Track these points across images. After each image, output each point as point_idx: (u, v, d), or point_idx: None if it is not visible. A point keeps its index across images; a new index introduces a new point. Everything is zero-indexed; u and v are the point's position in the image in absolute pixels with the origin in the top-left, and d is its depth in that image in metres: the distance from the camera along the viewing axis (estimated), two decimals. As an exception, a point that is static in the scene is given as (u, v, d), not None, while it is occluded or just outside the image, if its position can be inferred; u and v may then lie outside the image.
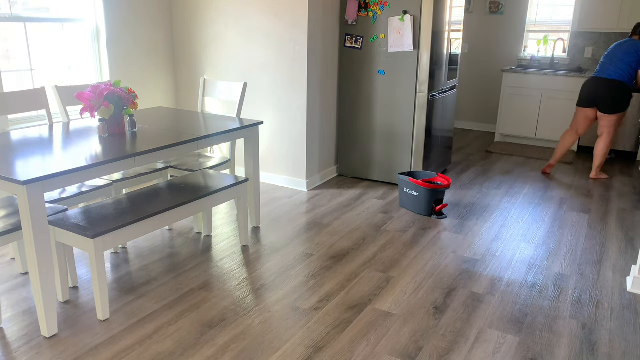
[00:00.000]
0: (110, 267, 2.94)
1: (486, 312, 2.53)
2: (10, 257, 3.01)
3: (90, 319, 2.41)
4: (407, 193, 3.86)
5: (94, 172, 2.29)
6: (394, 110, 4.25)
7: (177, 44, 4.57)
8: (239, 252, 3.15)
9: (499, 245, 3.31)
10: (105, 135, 2.73)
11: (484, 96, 6.75)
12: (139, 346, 2.22)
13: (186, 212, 2.74)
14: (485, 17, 6.49)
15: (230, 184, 3.00)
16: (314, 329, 2.37)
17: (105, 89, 2.64)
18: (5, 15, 3.40)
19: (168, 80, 4.60)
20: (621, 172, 5.04)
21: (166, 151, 2.62)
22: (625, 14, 5.41)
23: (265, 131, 4.33)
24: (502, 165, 5.20)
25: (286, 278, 2.84)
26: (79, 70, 3.98)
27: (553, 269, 3.00)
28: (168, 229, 3.47)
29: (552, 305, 2.61)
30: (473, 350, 2.23)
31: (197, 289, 2.71)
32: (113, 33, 4.00)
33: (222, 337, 2.30)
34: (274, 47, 4.09)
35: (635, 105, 5.34)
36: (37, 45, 3.63)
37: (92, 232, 2.27)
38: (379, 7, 4.07)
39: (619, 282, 2.85)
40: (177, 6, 4.46)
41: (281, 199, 4.07)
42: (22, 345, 2.22)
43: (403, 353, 2.21)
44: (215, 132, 2.89)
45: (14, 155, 2.34)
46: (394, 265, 3.01)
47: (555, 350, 2.24)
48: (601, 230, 3.59)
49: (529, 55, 6.31)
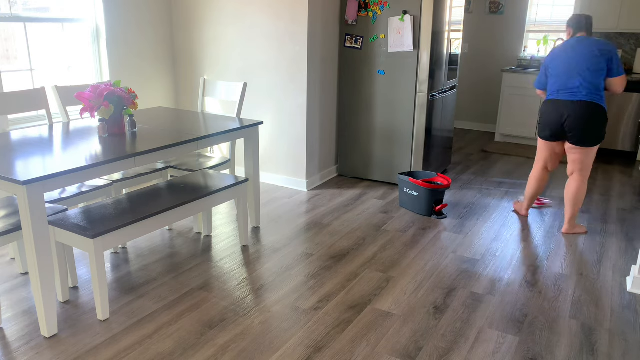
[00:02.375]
0: (110, 267, 2.94)
1: (486, 312, 2.53)
2: (10, 257, 3.01)
3: (90, 319, 2.41)
4: (407, 193, 3.86)
5: (94, 172, 2.29)
6: (394, 110, 4.25)
7: (177, 44, 4.57)
8: (239, 252, 3.15)
9: (499, 245, 3.31)
10: (105, 135, 2.73)
11: (484, 96, 6.75)
12: (139, 346, 2.22)
13: (186, 212, 2.74)
14: (485, 17, 6.49)
15: (230, 184, 3.00)
16: (314, 329, 2.37)
17: (105, 89, 2.64)
18: (5, 15, 3.40)
19: (168, 80, 4.60)
20: (621, 172, 5.04)
21: (166, 151, 2.62)
22: (625, 14, 5.42)
23: (265, 131, 4.33)
24: (502, 165, 5.20)
25: (286, 278, 2.84)
26: (79, 70, 3.98)
27: (553, 269, 3.00)
28: (168, 229, 3.47)
29: (552, 305, 2.61)
30: (473, 350, 2.23)
31: (197, 289, 2.71)
32: (113, 33, 4.00)
33: (222, 337, 2.30)
34: (274, 47, 4.09)
35: (635, 105, 5.34)
36: (37, 45, 3.63)
37: (92, 232, 2.27)
38: (379, 7, 4.07)
39: (619, 282, 2.85)
40: (177, 6, 4.46)
41: (281, 199, 4.07)
42: (22, 345, 2.22)
43: (403, 353, 2.21)
44: (215, 132, 2.89)
45: (14, 155, 2.34)
46: (394, 265, 3.01)
47: (555, 350, 2.24)
48: (601, 230, 3.59)
49: (529, 55, 6.31)
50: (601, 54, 3.20)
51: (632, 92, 5.33)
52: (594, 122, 3.22)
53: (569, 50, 3.29)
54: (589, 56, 3.21)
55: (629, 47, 5.72)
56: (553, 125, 3.32)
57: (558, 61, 3.31)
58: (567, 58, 3.28)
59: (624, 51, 5.75)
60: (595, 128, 3.23)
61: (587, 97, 3.21)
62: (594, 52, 3.21)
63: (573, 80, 3.24)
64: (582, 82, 3.22)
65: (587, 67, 3.21)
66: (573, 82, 3.24)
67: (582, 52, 3.23)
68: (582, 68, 3.22)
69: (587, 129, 3.23)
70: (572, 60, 3.25)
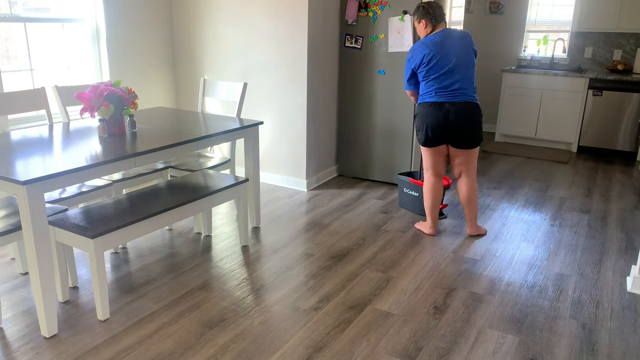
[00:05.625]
0: (110, 267, 2.94)
1: (486, 312, 2.53)
2: (10, 257, 3.01)
3: (90, 319, 2.41)
4: (407, 193, 3.85)
5: (94, 172, 2.29)
6: (394, 110, 4.25)
7: (177, 44, 4.57)
8: (239, 252, 3.15)
9: (499, 245, 3.31)
10: (105, 135, 2.73)
11: (484, 96, 6.75)
12: (139, 346, 2.22)
13: (186, 212, 2.74)
14: (485, 17, 6.49)
15: (230, 184, 3.00)
16: (314, 329, 2.37)
17: (105, 89, 2.64)
18: (5, 15, 3.40)
19: (168, 80, 4.60)
20: (621, 172, 5.04)
21: (166, 151, 2.62)
22: (625, 14, 5.41)
23: (265, 131, 4.33)
24: (502, 165, 5.20)
25: (286, 278, 2.84)
26: (79, 70, 3.98)
27: (553, 269, 3.00)
28: (168, 229, 3.47)
29: (552, 305, 2.61)
30: (473, 350, 2.23)
31: (197, 289, 2.71)
32: (113, 33, 4.00)
33: (222, 337, 2.30)
34: (274, 47, 4.09)
35: (635, 105, 5.35)
36: (37, 45, 3.63)
37: (92, 232, 2.27)
38: (379, 7, 4.07)
39: (619, 282, 2.85)
40: (177, 6, 4.46)
41: (281, 199, 4.07)
42: (22, 345, 2.22)
43: (403, 353, 2.21)
44: (215, 132, 2.89)
45: (14, 155, 2.34)
46: (394, 265, 3.01)
47: (555, 350, 2.24)
48: (601, 230, 3.59)
49: (529, 55, 6.31)
50: (469, 45, 3.09)
51: (632, 92, 5.32)
52: (477, 123, 3.12)
53: (439, 48, 3.05)
54: (463, 53, 3.07)
55: (629, 47, 5.72)
56: (436, 130, 3.11)
57: (433, 61, 3.05)
58: (441, 57, 3.05)
59: (624, 51, 5.75)
60: (478, 128, 3.13)
61: (467, 97, 3.08)
62: (464, 47, 3.07)
63: (452, 81, 3.06)
64: (462, 82, 3.07)
65: (464, 66, 3.06)
66: (452, 82, 3.06)
67: (455, 48, 3.06)
68: (460, 67, 3.05)
69: (471, 130, 3.11)
70: (446, 58, 3.04)
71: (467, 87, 3.09)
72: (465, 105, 3.07)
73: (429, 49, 3.06)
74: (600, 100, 5.50)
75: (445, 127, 3.09)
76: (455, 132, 3.10)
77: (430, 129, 3.12)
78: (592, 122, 5.61)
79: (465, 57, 3.08)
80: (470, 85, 3.10)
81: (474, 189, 3.31)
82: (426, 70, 3.08)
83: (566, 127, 5.74)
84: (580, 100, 5.58)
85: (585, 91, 5.54)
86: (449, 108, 3.07)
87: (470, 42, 3.11)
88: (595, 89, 5.50)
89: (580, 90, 5.55)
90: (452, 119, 3.07)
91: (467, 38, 3.12)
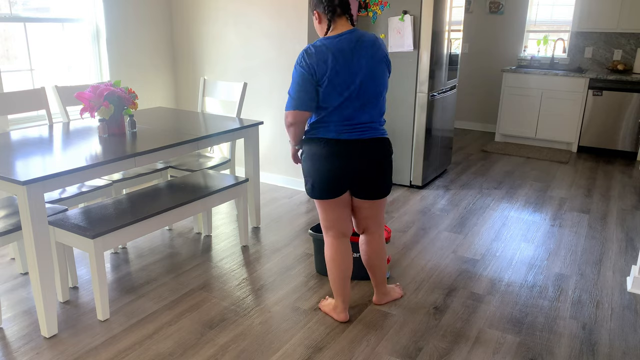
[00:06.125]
0: (110, 267, 2.94)
1: (486, 312, 2.53)
2: (10, 257, 3.01)
3: (90, 319, 2.41)
4: None
5: (94, 172, 2.29)
6: (394, 110, 4.25)
7: (177, 44, 4.57)
8: (239, 252, 3.15)
9: (499, 245, 3.31)
10: (105, 136, 2.73)
11: (484, 96, 6.75)
12: (139, 346, 2.22)
13: (186, 212, 2.74)
14: (485, 17, 6.49)
15: (230, 184, 3.00)
16: (314, 329, 2.37)
17: (105, 89, 2.64)
18: (5, 15, 3.40)
19: (168, 80, 4.60)
20: (621, 172, 5.04)
21: (166, 151, 2.62)
22: (625, 14, 5.41)
23: (265, 131, 4.33)
24: (502, 165, 5.20)
25: (286, 278, 2.84)
26: (79, 71, 3.98)
27: (553, 269, 3.00)
28: (168, 229, 3.47)
29: (552, 305, 2.61)
30: (473, 350, 2.23)
31: (197, 289, 2.70)
32: (113, 33, 4.00)
33: (222, 337, 2.30)
34: (274, 47, 4.09)
35: (635, 105, 5.34)
36: (37, 45, 3.63)
37: (92, 232, 2.27)
38: (379, 7, 4.07)
39: (619, 282, 2.85)
40: (177, 6, 4.46)
41: (281, 199, 4.07)
42: (22, 345, 2.22)
43: (403, 353, 2.21)
44: (215, 132, 2.89)
45: (14, 155, 2.34)
46: (394, 265, 3.01)
47: (555, 351, 2.24)
48: (601, 230, 3.59)
49: (529, 55, 6.31)
50: (381, 60, 2.16)
51: (632, 92, 5.32)
52: (388, 166, 2.27)
53: (341, 61, 2.07)
54: (376, 72, 2.14)
55: (629, 47, 5.71)
56: (336, 177, 2.18)
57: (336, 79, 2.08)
58: (344, 75, 2.08)
59: (624, 51, 5.75)
60: (390, 171, 2.30)
61: (377, 132, 2.20)
62: (376, 62, 2.13)
63: (360, 112, 2.15)
64: (373, 114, 2.18)
65: (377, 92, 2.16)
66: (360, 114, 2.15)
67: (362, 62, 2.10)
68: (370, 93, 2.14)
69: (382, 177, 2.25)
70: (349, 77, 2.09)
71: (376, 119, 2.20)
72: (374, 144, 2.19)
73: (334, 58, 2.07)
74: (601, 100, 5.50)
75: (348, 173, 2.18)
76: (362, 179, 2.22)
77: (327, 176, 2.18)
78: (592, 122, 5.61)
79: (377, 76, 2.14)
80: (379, 116, 2.22)
81: (382, 249, 2.45)
82: (324, 91, 2.11)
83: (566, 127, 5.74)
84: (580, 100, 5.58)
85: (585, 91, 5.54)
86: (352, 148, 2.16)
87: (383, 53, 2.17)
88: (595, 89, 5.49)
89: (580, 90, 5.55)
90: (357, 163, 2.17)
91: (378, 47, 2.16)
